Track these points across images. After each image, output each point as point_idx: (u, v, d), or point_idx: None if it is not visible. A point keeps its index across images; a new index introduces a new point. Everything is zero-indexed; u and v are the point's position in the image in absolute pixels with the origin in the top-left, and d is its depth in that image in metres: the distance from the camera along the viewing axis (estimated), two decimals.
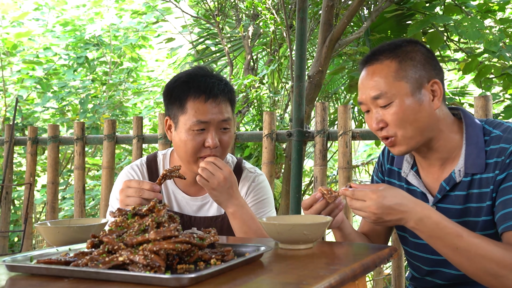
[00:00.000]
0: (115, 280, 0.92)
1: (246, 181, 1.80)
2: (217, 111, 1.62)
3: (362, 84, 1.46)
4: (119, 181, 1.78)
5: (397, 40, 1.48)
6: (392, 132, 1.41)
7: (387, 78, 1.40)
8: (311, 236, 1.22)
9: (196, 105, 1.61)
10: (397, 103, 1.38)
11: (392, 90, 1.39)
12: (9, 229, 3.81)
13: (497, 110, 4.50)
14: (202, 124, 1.61)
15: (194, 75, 1.67)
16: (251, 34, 4.65)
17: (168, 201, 1.77)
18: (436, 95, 1.41)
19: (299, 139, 2.80)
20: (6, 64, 6.30)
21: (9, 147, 3.63)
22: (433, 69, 1.43)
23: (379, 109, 1.42)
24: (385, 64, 1.41)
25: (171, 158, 1.83)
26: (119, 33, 6.54)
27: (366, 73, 1.45)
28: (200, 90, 1.62)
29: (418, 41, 1.48)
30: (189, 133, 1.62)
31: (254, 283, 0.91)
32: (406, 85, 1.39)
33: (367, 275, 1.20)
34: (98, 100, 6.11)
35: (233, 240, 1.50)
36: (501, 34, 3.27)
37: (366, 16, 4.16)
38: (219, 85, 1.64)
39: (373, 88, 1.41)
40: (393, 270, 2.66)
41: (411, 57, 1.41)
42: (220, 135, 1.65)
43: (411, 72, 1.40)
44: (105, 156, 3.33)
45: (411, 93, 1.38)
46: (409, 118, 1.38)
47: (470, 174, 1.41)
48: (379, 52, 1.45)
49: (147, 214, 1.09)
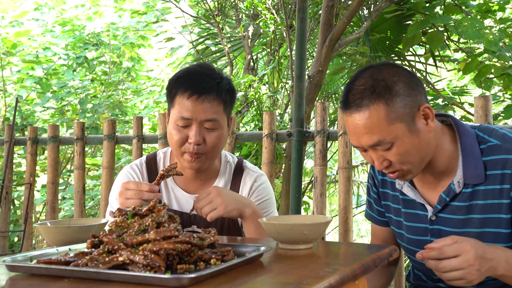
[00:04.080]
0: (115, 280, 0.92)
1: (248, 180, 1.78)
2: (200, 109, 1.60)
3: (352, 131, 1.37)
4: (118, 181, 1.78)
5: (373, 73, 1.36)
6: (398, 167, 1.38)
7: (380, 125, 1.32)
8: (311, 236, 1.22)
9: (181, 100, 1.61)
10: (397, 144, 1.34)
11: (390, 135, 1.33)
12: (9, 229, 3.81)
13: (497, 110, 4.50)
14: (184, 121, 1.60)
15: (190, 71, 1.67)
16: (251, 34, 4.65)
17: (168, 199, 1.77)
18: (429, 117, 1.37)
19: (299, 139, 2.80)
20: (5, 64, 6.30)
21: (9, 147, 3.63)
22: (419, 93, 1.36)
23: (378, 152, 1.38)
24: (373, 110, 1.32)
25: (171, 156, 1.82)
26: (119, 33, 6.54)
27: (353, 121, 1.35)
28: (187, 86, 1.61)
29: (393, 64, 1.40)
30: (174, 127, 1.63)
31: (254, 283, 0.91)
32: (401, 124, 1.32)
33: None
34: (98, 100, 6.11)
35: (233, 240, 1.50)
36: (501, 34, 3.27)
37: (366, 16, 4.16)
38: (209, 83, 1.61)
39: (368, 139, 1.34)
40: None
41: (395, 92, 1.32)
42: (205, 133, 1.62)
43: (401, 109, 1.32)
44: (105, 156, 3.32)
45: (408, 131, 1.33)
46: (412, 153, 1.36)
47: (471, 185, 1.40)
48: (359, 96, 1.34)
49: (147, 214, 1.09)
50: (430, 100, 4.11)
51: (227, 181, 1.78)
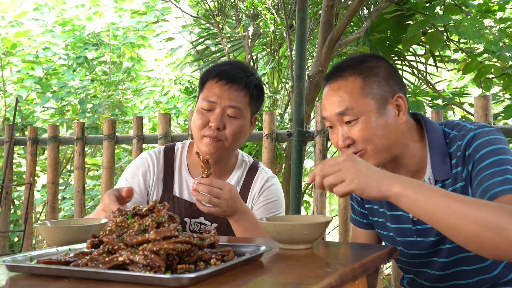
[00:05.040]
0: (115, 280, 0.92)
1: (260, 180, 1.82)
2: (226, 95, 1.68)
3: (326, 99, 1.43)
4: (134, 163, 1.83)
5: (360, 56, 1.47)
6: (360, 147, 1.38)
7: (353, 94, 1.37)
8: (311, 236, 1.22)
9: (209, 85, 1.70)
10: (364, 119, 1.36)
11: (358, 107, 1.36)
12: (9, 229, 3.81)
13: (497, 110, 4.50)
14: (209, 104, 1.68)
15: (224, 63, 1.78)
16: (251, 34, 4.65)
17: (180, 189, 1.79)
18: (401, 109, 1.40)
19: (299, 139, 2.80)
20: (5, 64, 6.30)
21: (9, 147, 3.63)
22: (396, 84, 1.42)
23: (344, 126, 1.39)
24: (350, 80, 1.39)
25: (189, 148, 1.86)
26: (119, 33, 6.54)
27: (330, 89, 1.43)
28: (219, 73, 1.70)
29: (381, 56, 1.47)
30: (199, 111, 1.70)
31: (254, 283, 0.91)
32: (372, 101, 1.37)
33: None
34: (98, 100, 6.12)
35: (233, 240, 1.50)
36: (501, 34, 3.27)
37: (366, 16, 4.16)
38: (239, 73, 1.70)
39: (338, 104, 1.38)
40: (393, 270, 2.66)
41: (375, 72, 1.40)
42: (226, 120, 1.68)
43: (375, 88, 1.38)
44: (105, 156, 3.32)
45: (377, 110, 1.36)
46: (376, 135, 1.36)
47: (440, 181, 1.40)
48: (343, 68, 1.42)
49: (147, 214, 1.09)
50: (430, 100, 4.11)
51: (240, 178, 1.82)
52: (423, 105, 3.72)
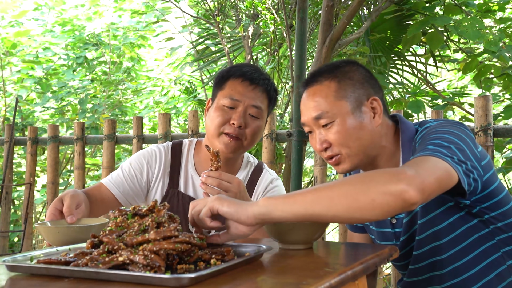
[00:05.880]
0: (115, 280, 0.91)
1: (265, 181, 1.84)
2: (250, 95, 1.71)
3: (303, 105, 1.47)
4: (140, 153, 1.84)
5: (336, 62, 1.50)
6: (336, 150, 1.41)
7: (328, 98, 1.41)
8: (311, 236, 1.22)
9: (233, 84, 1.73)
10: (339, 122, 1.39)
11: (333, 109, 1.39)
12: (9, 229, 3.81)
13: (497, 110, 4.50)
14: (233, 102, 1.70)
15: (244, 64, 1.84)
16: (251, 34, 4.65)
17: (185, 185, 1.81)
18: (377, 112, 1.42)
19: (299, 139, 2.81)
20: (5, 64, 6.30)
21: (9, 147, 3.63)
22: (372, 87, 1.45)
23: (321, 130, 1.42)
24: (325, 85, 1.43)
25: (196, 146, 1.87)
26: (119, 33, 6.54)
27: (307, 95, 1.46)
28: (242, 72, 1.74)
29: (356, 62, 1.51)
30: (219, 109, 1.71)
31: (254, 283, 0.91)
32: (346, 104, 1.40)
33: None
34: (98, 100, 6.12)
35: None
36: (501, 34, 3.26)
37: (366, 16, 4.16)
38: (261, 76, 1.75)
39: (314, 108, 1.42)
40: (393, 270, 2.66)
41: (350, 76, 1.43)
42: (248, 119, 1.71)
43: (350, 91, 1.41)
44: (105, 156, 3.32)
45: (352, 112, 1.39)
46: (351, 137, 1.39)
47: None
48: (319, 73, 1.46)
49: (147, 214, 1.09)
50: (430, 100, 4.11)
51: (244, 178, 1.84)
52: (423, 105, 3.72)
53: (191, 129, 3.09)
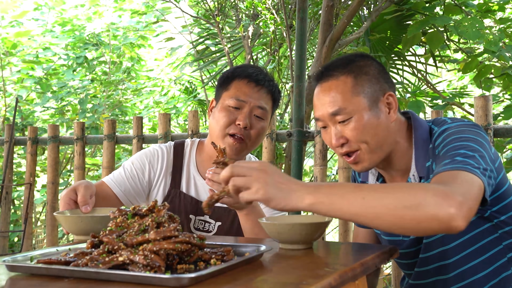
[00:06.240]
0: (115, 280, 0.92)
1: None
2: (256, 96, 1.73)
3: (318, 100, 1.43)
4: (143, 152, 1.85)
5: (349, 55, 1.47)
6: (355, 146, 1.38)
7: (344, 93, 1.38)
8: (311, 236, 1.22)
9: (238, 84, 1.74)
10: (356, 118, 1.36)
11: (350, 106, 1.37)
12: (9, 229, 3.81)
13: (497, 110, 4.50)
14: (239, 102, 1.71)
15: (249, 65, 1.84)
16: (251, 34, 4.65)
17: (187, 186, 1.81)
18: (392, 107, 1.41)
19: (299, 139, 2.80)
20: (5, 64, 6.30)
21: (9, 147, 3.63)
22: (386, 82, 1.43)
23: (337, 125, 1.39)
24: (341, 80, 1.39)
25: (198, 146, 1.88)
26: (119, 33, 6.54)
27: (321, 89, 1.42)
28: (248, 74, 1.76)
29: (370, 56, 1.49)
30: (224, 110, 1.72)
31: (254, 283, 0.91)
32: (364, 100, 1.38)
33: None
34: (98, 100, 6.11)
35: (232, 240, 1.50)
36: (501, 34, 3.26)
37: (366, 16, 4.15)
38: (265, 78, 1.77)
39: (330, 104, 1.38)
40: (393, 270, 2.66)
41: (365, 71, 1.41)
42: (253, 120, 1.72)
43: (366, 87, 1.39)
44: (105, 156, 3.32)
45: (369, 108, 1.37)
46: (369, 133, 1.37)
47: (425, 177, 1.41)
48: (333, 67, 1.43)
49: (147, 214, 1.09)
50: (430, 100, 4.11)
51: None
52: (423, 105, 3.72)
53: (191, 129, 3.09)
